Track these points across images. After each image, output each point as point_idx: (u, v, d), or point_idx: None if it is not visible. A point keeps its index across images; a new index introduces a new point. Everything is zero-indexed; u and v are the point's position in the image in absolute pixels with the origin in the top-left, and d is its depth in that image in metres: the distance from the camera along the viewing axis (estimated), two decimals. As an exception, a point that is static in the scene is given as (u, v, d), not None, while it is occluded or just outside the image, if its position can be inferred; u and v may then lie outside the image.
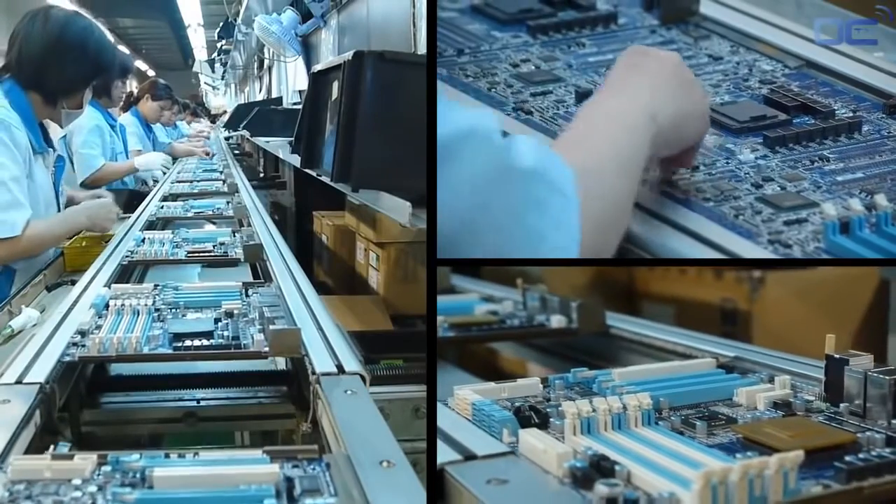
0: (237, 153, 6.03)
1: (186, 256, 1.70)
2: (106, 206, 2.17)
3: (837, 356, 0.93)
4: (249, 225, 2.08)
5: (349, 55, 1.34)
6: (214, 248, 1.75)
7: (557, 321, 1.36)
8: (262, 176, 4.92)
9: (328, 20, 4.29)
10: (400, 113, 1.30)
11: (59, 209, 2.17)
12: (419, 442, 0.99)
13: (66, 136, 3.51)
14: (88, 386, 1.16)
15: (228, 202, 2.54)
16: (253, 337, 1.03)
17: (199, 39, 11.85)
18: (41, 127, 2.09)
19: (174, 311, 1.19)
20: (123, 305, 1.19)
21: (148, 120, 4.85)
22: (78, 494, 0.68)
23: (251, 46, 8.07)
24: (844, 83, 1.20)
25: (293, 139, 2.01)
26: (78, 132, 3.59)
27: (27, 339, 1.08)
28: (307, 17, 4.61)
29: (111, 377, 1.20)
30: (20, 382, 0.92)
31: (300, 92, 4.75)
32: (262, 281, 1.45)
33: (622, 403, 0.86)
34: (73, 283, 1.61)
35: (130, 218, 2.32)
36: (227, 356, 1.05)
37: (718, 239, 0.98)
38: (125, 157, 4.00)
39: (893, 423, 0.86)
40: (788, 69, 1.24)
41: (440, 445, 0.84)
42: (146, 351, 1.02)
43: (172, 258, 1.70)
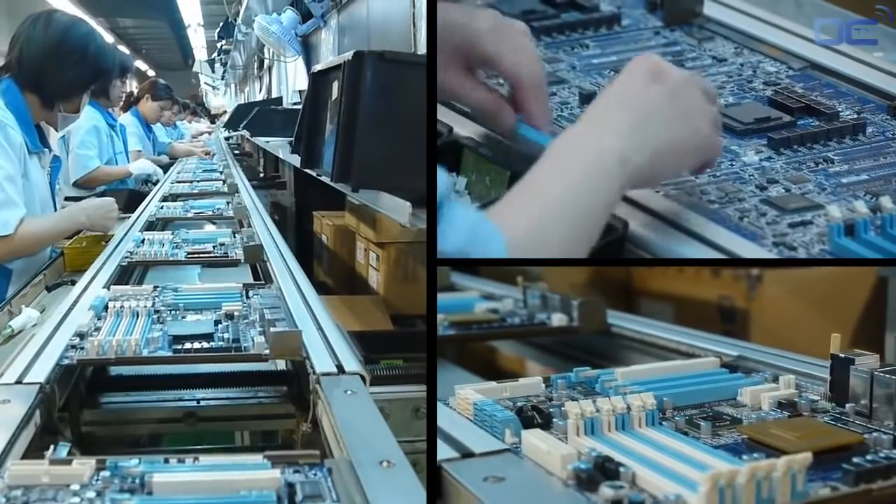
0: (237, 153, 6.02)
1: (186, 257, 1.70)
2: (105, 205, 2.16)
3: (843, 355, 0.92)
4: (249, 225, 2.07)
5: (349, 55, 1.33)
6: (214, 248, 1.74)
7: (558, 319, 1.35)
8: (262, 176, 4.91)
9: (328, 20, 4.28)
10: (400, 113, 1.29)
11: (55, 209, 2.17)
12: (419, 442, 0.99)
13: (65, 136, 3.50)
14: (88, 386, 1.16)
15: (228, 202, 2.54)
16: (253, 339, 1.02)
17: (199, 39, 11.83)
18: (37, 127, 2.08)
19: (174, 312, 1.19)
20: (122, 307, 1.18)
21: (148, 120, 4.85)
22: (76, 500, 0.67)
23: (251, 46, 8.06)
24: (848, 85, 1.19)
25: (293, 139, 2.01)
26: (76, 132, 3.58)
27: (27, 339, 1.08)
28: (307, 17, 4.60)
29: (111, 377, 1.20)
30: (20, 382, 0.91)
31: (300, 92, 4.75)
32: (262, 282, 1.45)
33: (626, 404, 0.85)
34: (72, 283, 1.60)
35: (130, 218, 2.32)
36: (227, 359, 1.04)
37: (723, 241, 0.97)
38: (125, 157, 3.99)
39: (900, 424, 0.85)
40: (792, 71, 1.23)
41: (440, 445, 0.83)
42: (145, 353, 1.01)
43: (172, 259, 1.70)
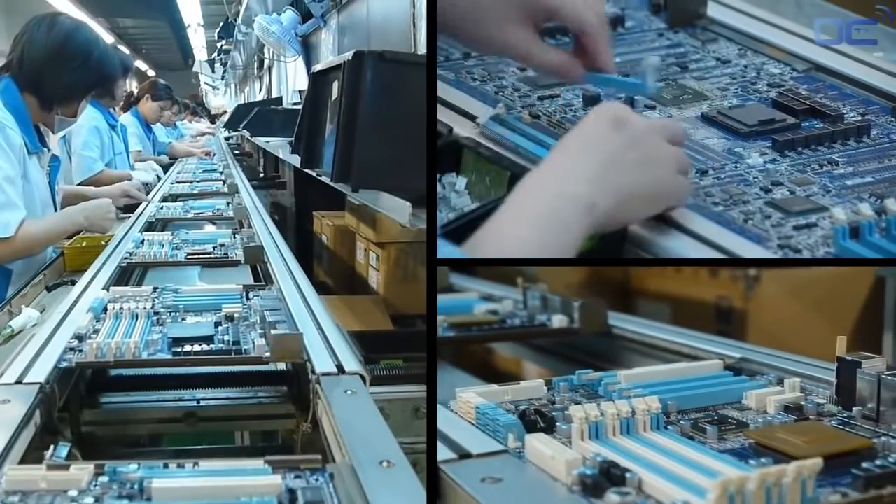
0: (237, 153, 6.02)
1: (186, 258, 1.69)
2: (104, 206, 2.16)
3: (849, 358, 0.91)
4: (250, 226, 2.06)
5: (349, 55, 1.33)
6: (214, 249, 1.73)
7: (559, 321, 1.34)
8: (262, 176, 4.91)
9: (328, 20, 4.28)
10: (400, 113, 1.29)
11: (55, 209, 2.16)
12: (419, 443, 0.98)
13: (65, 136, 3.50)
14: (88, 386, 1.15)
15: (228, 203, 2.53)
16: (254, 342, 1.02)
17: (199, 39, 11.82)
18: (36, 127, 2.07)
19: (173, 314, 1.18)
20: (122, 309, 1.17)
21: (148, 120, 4.84)
22: (74, 507, 0.66)
23: (251, 46, 8.06)
24: (853, 86, 1.19)
25: (293, 139, 2.00)
26: (77, 132, 3.58)
27: (27, 339, 1.07)
28: (307, 17, 4.60)
29: (111, 377, 1.19)
30: (20, 382, 0.91)
31: (300, 92, 4.74)
32: (262, 283, 1.44)
33: (630, 407, 0.84)
34: (72, 283, 1.60)
35: (130, 219, 2.31)
36: (227, 362, 1.04)
37: (727, 244, 0.96)
38: (126, 157, 3.99)
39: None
40: (796, 72, 1.22)
41: (440, 446, 0.83)
42: (145, 356, 1.00)
43: (172, 260, 1.69)
